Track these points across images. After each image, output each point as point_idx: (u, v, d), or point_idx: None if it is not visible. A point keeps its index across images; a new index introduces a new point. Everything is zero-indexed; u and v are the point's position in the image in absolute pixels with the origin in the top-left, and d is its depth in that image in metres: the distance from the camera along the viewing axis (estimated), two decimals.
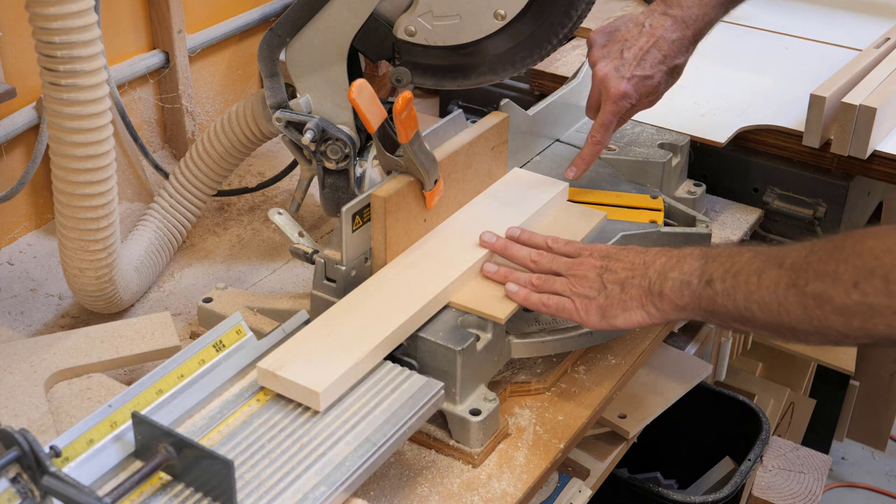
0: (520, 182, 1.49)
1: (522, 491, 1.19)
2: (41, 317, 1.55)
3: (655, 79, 1.44)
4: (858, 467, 2.89)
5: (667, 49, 1.44)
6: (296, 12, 1.44)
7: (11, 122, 1.61)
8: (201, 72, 1.96)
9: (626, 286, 1.20)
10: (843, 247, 0.99)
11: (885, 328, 0.95)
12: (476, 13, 1.42)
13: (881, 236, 0.96)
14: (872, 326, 0.96)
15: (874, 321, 0.95)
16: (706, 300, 1.12)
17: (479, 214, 1.41)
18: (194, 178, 1.65)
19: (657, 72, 1.44)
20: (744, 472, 1.84)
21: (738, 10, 2.41)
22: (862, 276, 0.95)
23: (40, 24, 1.18)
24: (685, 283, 1.14)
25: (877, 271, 0.94)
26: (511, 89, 2.05)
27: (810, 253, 1.02)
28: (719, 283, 1.10)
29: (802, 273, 1.01)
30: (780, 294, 1.03)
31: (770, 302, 1.04)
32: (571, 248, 1.29)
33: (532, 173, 1.53)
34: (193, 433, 1.08)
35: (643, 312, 1.19)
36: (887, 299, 0.93)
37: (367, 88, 1.21)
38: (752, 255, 1.10)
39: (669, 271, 1.16)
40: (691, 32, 1.46)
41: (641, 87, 1.44)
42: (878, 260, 0.94)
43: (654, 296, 1.17)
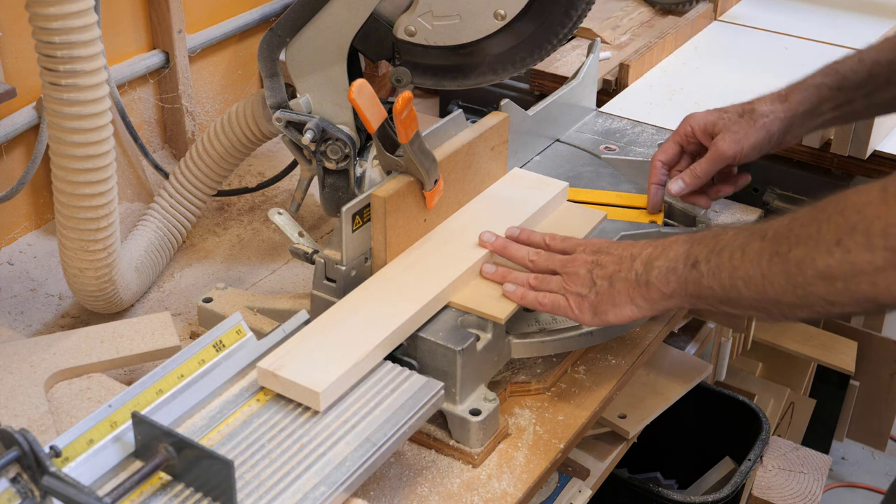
0: (520, 182, 1.49)
1: (522, 491, 1.19)
2: (41, 317, 1.55)
3: None
4: (858, 467, 2.89)
5: None
6: (296, 12, 1.44)
7: (11, 122, 1.61)
8: (201, 72, 1.96)
9: (614, 280, 1.18)
10: (825, 208, 0.95)
11: (868, 287, 0.91)
12: (476, 13, 1.42)
13: (863, 191, 0.92)
14: (856, 286, 0.92)
15: (857, 280, 0.92)
16: (692, 284, 1.10)
17: (478, 214, 1.41)
18: (194, 178, 1.65)
19: None
20: (744, 472, 1.84)
21: (737, 10, 2.43)
22: (844, 233, 0.92)
23: (40, 24, 1.18)
24: (671, 269, 1.12)
25: (858, 226, 0.90)
26: (511, 89, 2.05)
27: (793, 220, 1.00)
28: (704, 265, 1.08)
29: (785, 240, 0.99)
30: (763, 265, 1.00)
31: (754, 275, 1.01)
32: (567, 245, 1.28)
33: (532, 173, 1.53)
34: (193, 433, 1.08)
35: (632, 306, 1.17)
36: (869, 254, 0.90)
37: (367, 88, 1.21)
38: (736, 231, 1.07)
39: (655, 260, 1.15)
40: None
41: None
42: (859, 213, 0.91)
43: (641, 287, 1.15)
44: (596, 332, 1.32)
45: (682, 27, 2.25)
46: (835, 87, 1.37)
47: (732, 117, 1.42)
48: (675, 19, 2.30)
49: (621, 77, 2.05)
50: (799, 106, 1.38)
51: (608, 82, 2.05)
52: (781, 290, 0.99)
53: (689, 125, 1.46)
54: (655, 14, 2.35)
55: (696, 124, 1.45)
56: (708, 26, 2.35)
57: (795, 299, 0.99)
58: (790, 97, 1.40)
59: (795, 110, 1.39)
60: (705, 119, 1.44)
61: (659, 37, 2.19)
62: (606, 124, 1.84)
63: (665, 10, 2.35)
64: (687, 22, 2.28)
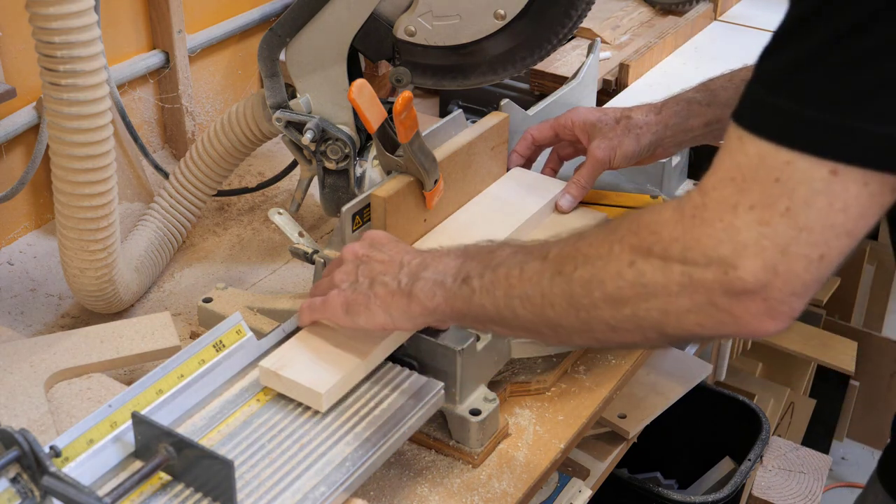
0: (520, 181, 1.49)
1: (522, 491, 1.19)
2: (41, 317, 1.55)
3: None
4: (858, 467, 2.89)
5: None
6: (296, 12, 1.44)
7: (11, 122, 1.61)
8: (201, 72, 1.96)
9: (375, 283, 1.08)
10: (616, 228, 0.90)
11: (657, 314, 0.86)
12: (476, 13, 1.42)
13: (658, 211, 0.87)
14: (645, 312, 0.86)
15: (647, 305, 0.86)
16: (461, 300, 1.01)
17: (478, 215, 1.41)
18: (194, 178, 1.65)
19: None
20: (744, 472, 1.84)
21: (737, 10, 2.43)
22: (638, 255, 0.86)
23: (40, 24, 1.18)
24: (438, 282, 1.03)
25: (655, 247, 0.85)
26: (511, 89, 2.06)
27: (580, 239, 0.94)
28: (476, 280, 1.00)
29: (570, 260, 0.92)
30: (544, 285, 0.93)
31: (533, 295, 0.94)
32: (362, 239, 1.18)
33: (532, 173, 1.53)
34: (193, 433, 1.08)
35: (387, 316, 1.07)
36: (664, 278, 0.84)
37: (367, 88, 1.21)
38: (514, 249, 1.00)
39: (423, 270, 1.05)
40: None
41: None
42: (655, 235, 0.85)
43: (401, 297, 1.05)
44: None
45: (682, 27, 2.25)
46: (705, 103, 1.36)
47: (610, 122, 1.41)
48: (675, 19, 2.31)
49: (621, 77, 2.05)
50: (670, 119, 1.37)
51: (608, 82, 2.05)
52: (562, 313, 0.93)
53: (570, 119, 1.45)
54: (655, 14, 2.35)
55: (577, 120, 1.44)
56: (708, 26, 2.35)
57: (577, 323, 0.92)
58: (664, 110, 1.39)
59: (667, 123, 1.38)
60: (586, 117, 1.43)
61: (659, 37, 2.19)
62: None
63: (665, 10, 2.35)
64: (687, 22, 2.28)
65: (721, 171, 0.82)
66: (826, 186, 0.76)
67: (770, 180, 0.78)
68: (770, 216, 0.78)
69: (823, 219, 0.77)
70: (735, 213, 0.80)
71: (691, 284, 0.83)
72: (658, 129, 1.37)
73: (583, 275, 0.90)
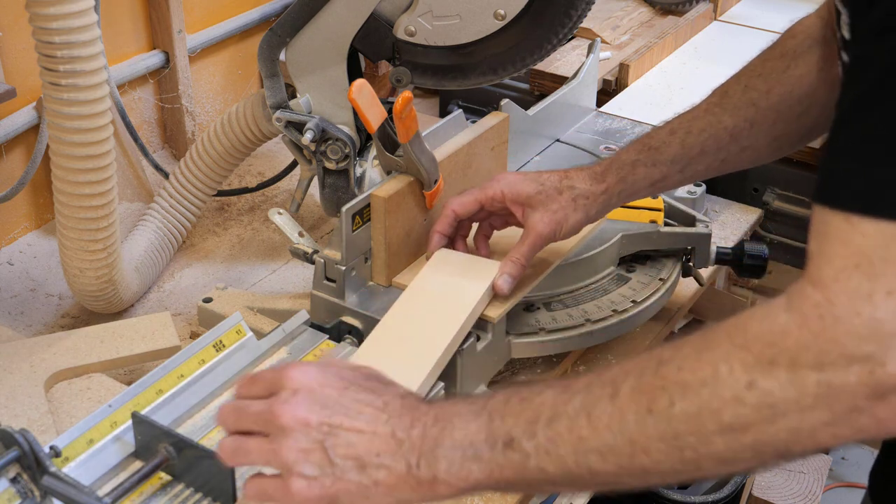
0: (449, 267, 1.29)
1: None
2: (41, 317, 1.55)
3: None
4: (858, 467, 2.88)
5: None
6: (296, 12, 1.44)
7: (11, 122, 1.61)
8: (201, 72, 1.96)
9: (368, 467, 0.85)
10: (713, 345, 0.77)
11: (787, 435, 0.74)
12: (476, 13, 1.42)
13: (767, 318, 0.75)
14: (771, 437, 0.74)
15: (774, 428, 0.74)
16: (510, 469, 0.83)
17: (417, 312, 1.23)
18: (194, 178, 1.65)
19: None
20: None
21: (737, 10, 2.43)
22: (758, 372, 0.74)
23: (40, 24, 1.18)
24: (470, 457, 0.83)
25: (778, 360, 0.73)
26: (511, 89, 2.06)
27: (661, 365, 0.79)
28: (527, 441, 0.82)
29: (661, 393, 0.77)
30: (630, 430, 0.78)
31: (617, 445, 0.79)
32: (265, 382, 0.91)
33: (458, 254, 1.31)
34: (193, 433, 1.08)
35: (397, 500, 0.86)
36: (796, 392, 0.73)
37: (367, 88, 1.21)
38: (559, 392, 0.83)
39: (438, 446, 0.84)
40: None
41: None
42: (775, 346, 0.73)
43: (421, 484, 0.84)
44: (596, 331, 1.32)
45: (682, 27, 2.25)
46: (649, 163, 1.25)
47: (551, 192, 1.24)
48: (675, 19, 2.31)
49: (621, 77, 2.05)
50: (616, 187, 1.26)
51: (608, 82, 2.05)
52: (661, 457, 0.78)
53: (500, 189, 1.25)
54: (655, 14, 2.35)
55: (509, 191, 1.25)
56: (708, 26, 2.35)
57: (680, 465, 0.78)
58: (606, 177, 1.26)
59: (612, 192, 1.26)
60: (520, 189, 1.24)
61: (659, 37, 2.19)
62: (606, 124, 1.84)
63: (665, 10, 2.35)
64: (687, 22, 2.28)
65: (838, 261, 0.72)
66: None
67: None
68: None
69: None
70: (872, 303, 0.71)
71: (830, 393, 0.72)
72: (604, 198, 1.25)
73: (686, 409, 0.76)
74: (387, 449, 0.85)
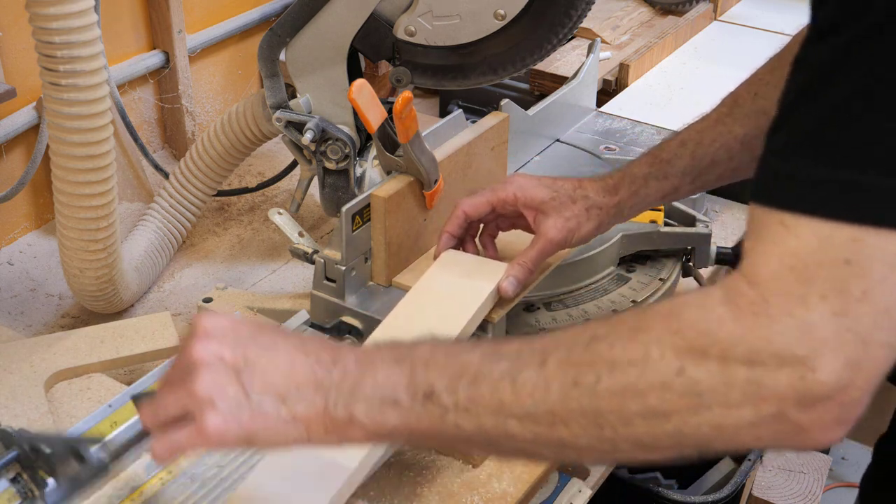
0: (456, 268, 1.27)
1: (522, 491, 1.19)
2: (41, 317, 1.55)
3: None
4: (858, 467, 2.88)
5: None
6: (296, 12, 1.44)
7: (11, 122, 1.61)
8: (201, 72, 1.96)
9: (287, 400, 0.83)
10: (646, 326, 0.76)
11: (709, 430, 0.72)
12: (476, 13, 1.42)
13: (702, 307, 0.74)
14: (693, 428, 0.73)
15: (697, 420, 0.72)
16: (426, 420, 0.81)
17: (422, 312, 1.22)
18: (194, 178, 1.65)
19: None
20: (744, 472, 1.84)
21: (737, 10, 2.43)
22: (689, 360, 0.72)
23: (40, 24, 1.18)
24: (388, 401, 0.82)
25: (710, 351, 0.71)
26: (511, 89, 2.05)
27: (594, 340, 0.77)
28: (447, 396, 0.80)
29: (588, 368, 0.76)
30: (552, 401, 0.77)
31: (537, 413, 0.77)
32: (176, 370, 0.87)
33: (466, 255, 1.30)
34: None
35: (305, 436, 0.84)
36: (724, 385, 0.71)
37: (367, 88, 1.21)
38: (487, 353, 0.82)
39: (358, 387, 0.83)
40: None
41: None
42: (708, 337, 0.72)
43: (335, 423, 0.82)
44: None
45: (682, 27, 2.25)
46: (660, 176, 1.24)
47: (564, 200, 1.23)
48: (675, 19, 2.31)
49: (621, 77, 2.05)
50: (628, 200, 1.25)
51: (608, 82, 2.05)
52: (579, 432, 0.76)
53: (513, 192, 1.23)
54: (655, 14, 2.35)
55: (522, 195, 1.23)
56: (708, 26, 2.35)
57: (597, 443, 0.77)
58: (619, 190, 1.25)
59: (624, 205, 1.25)
60: (533, 193, 1.23)
61: (659, 37, 2.19)
62: (606, 124, 1.84)
63: (665, 10, 2.35)
64: (687, 22, 2.28)
65: (773, 261, 0.71)
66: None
67: (839, 263, 0.68)
68: (847, 303, 0.68)
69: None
70: (806, 306, 0.69)
71: (758, 393, 0.70)
72: (615, 211, 1.25)
73: (611, 386, 0.75)
74: (306, 383, 0.83)
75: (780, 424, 0.71)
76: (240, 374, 0.82)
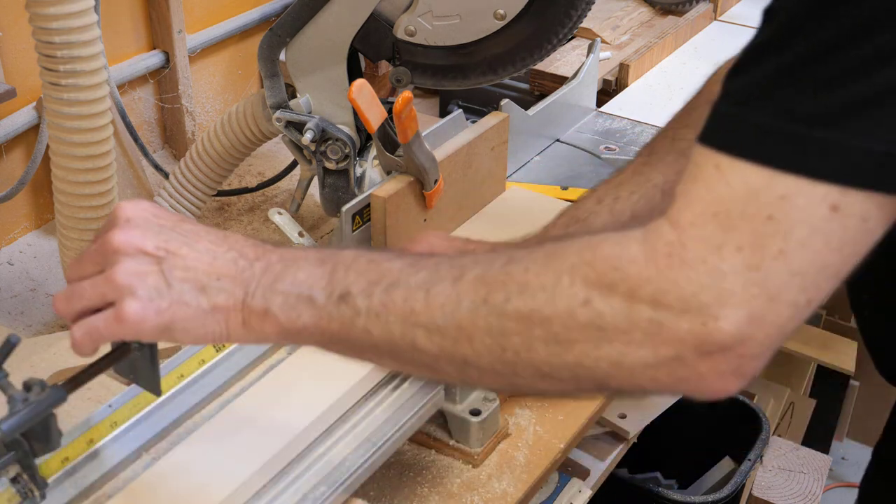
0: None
1: (522, 491, 1.19)
2: (41, 317, 1.55)
3: None
4: (858, 467, 2.88)
5: None
6: (296, 12, 1.44)
7: (11, 122, 1.61)
8: (201, 72, 1.96)
9: (206, 290, 0.83)
10: (563, 254, 0.75)
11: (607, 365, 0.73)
12: (476, 13, 1.42)
13: (619, 243, 0.73)
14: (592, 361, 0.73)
15: (597, 354, 0.72)
16: (338, 321, 0.81)
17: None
18: (194, 178, 1.65)
19: None
20: (744, 472, 1.84)
21: (737, 10, 2.43)
22: (596, 292, 0.72)
23: (40, 24, 1.18)
24: (304, 298, 0.82)
25: (619, 286, 0.71)
26: (511, 89, 2.06)
27: (510, 262, 0.77)
28: (361, 299, 0.80)
29: (500, 287, 0.75)
30: (461, 315, 0.76)
31: (444, 326, 0.77)
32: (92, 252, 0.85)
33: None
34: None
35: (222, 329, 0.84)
36: (626, 322, 0.71)
37: (367, 88, 1.21)
38: (409, 263, 0.81)
39: (277, 281, 0.83)
40: None
41: None
42: (619, 271, 0.71)
43: (250, 313, 0.83)
44: None
45: (682, 27, 2.25)
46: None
47: None
48: (675, 19, 2.31)
49: (621, 77, 2.05)
50: None
51: (608, 82, 2.05)
52: (482, 350, 0.76)
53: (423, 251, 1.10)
54: (655, 14, 2.35)
55: None
56: (708, 26, 2.35)
57: (497, 364, 0.77)
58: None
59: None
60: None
61: (659, 37, 2.19)
62: (606, 124, 1.85)
63: (665, 10, 2.35)
64: (687, 22, 2.28)
65: (699, 205, 0.70)
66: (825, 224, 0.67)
67: (762, 218, 0.68)
68: (761, 259, 0.68)
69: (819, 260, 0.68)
70: (720, 255, 0.69)
71: (659, 334, 0.70)
72: None
73: (519, 308, 0.74)
74: (227, 273, 0.83)
75: (677, 368, 0.71)
76: (160, 263, 0.82)
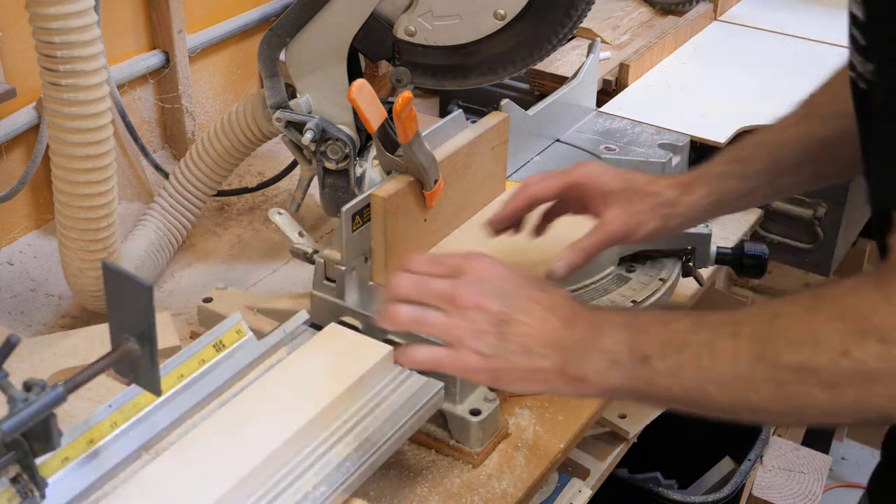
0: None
1: (522, 491, 1.19)
2: (41, 317, 1.55)
3: None
4: (858, 467, 2.88)
5: None
6: (296, 12, 1.44)
7: (11, 122, 1.61)
8: (201, 72, 1.96)
9: (533, 355, 0.97)
10: (817, 308, 0.85)
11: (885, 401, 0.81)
12: (476, 13, 1.42)
13: (861, 292, 0.82)
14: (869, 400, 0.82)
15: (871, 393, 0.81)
16: (641, 382, 0.93)
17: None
18: (194, 178, 1.65)
19: None
20: (744, 472, 1.84)
21: (737, 10, 2.43)
22: (852, 342, 0.81)
23: (40, 24, 1.18)
24: (613, 362, 0.94)
25: (870, 333, 0.80)
26: (511, 89, 2.05)
27: (776, 318, 0.87)
28: (659, 361, 0.91)
29: (771, 343, 0.85)
30: (742, 370, 0.86)
31: (731, 381, 0.88)
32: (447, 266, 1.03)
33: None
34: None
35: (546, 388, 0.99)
36: (887, 364, 0.79)
37: (367, 88, 1.21)
38: (693, 323, 0.92)
39: (589, 350, 0.95)
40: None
41: None
42: (867, 321, 0.80)
43: (569, 378, 0.96)
44: None
45: (682, 27, 2.25)
46: (738, 175, 1.21)
47: (633, 194, 1.22)
48: (675, 19, 2.30)
49: (621, 77, 2.05)
50: (702, 199, 1.22)
51: (608, 82, 2.05)
52: (769, 399, 0.86)
53: (583, 177, 1.23)
54: (655, 14, 2.35)
55: (593, 181, 1.23)
56: (708, 26, 2.35)
57: (786, 408, 0.87)
58: (693, 189, 1.22)
59: (698, 204, 1.22)
60: (604, 180, 1.22)
61: (659, 37, 2.19)
62: (606, 124, 1.84)
63: (665, 10, 2.35)
64: (687, 22, 2.28)
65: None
66: None
67: None
68: None
69: None
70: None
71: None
72: (686, 211, 1.22)
73: (790, 361, 0.84)
74: (550, 344, 0.97)
75: None
76: (499, 326, 0.97)
